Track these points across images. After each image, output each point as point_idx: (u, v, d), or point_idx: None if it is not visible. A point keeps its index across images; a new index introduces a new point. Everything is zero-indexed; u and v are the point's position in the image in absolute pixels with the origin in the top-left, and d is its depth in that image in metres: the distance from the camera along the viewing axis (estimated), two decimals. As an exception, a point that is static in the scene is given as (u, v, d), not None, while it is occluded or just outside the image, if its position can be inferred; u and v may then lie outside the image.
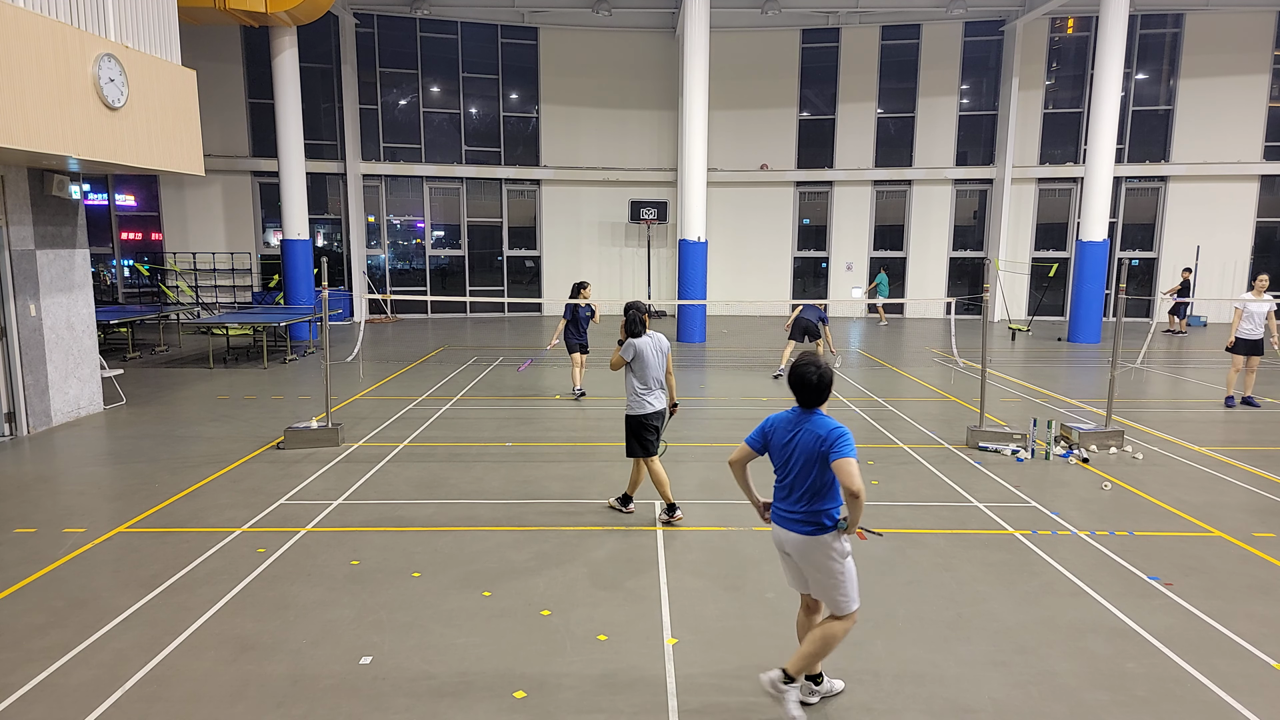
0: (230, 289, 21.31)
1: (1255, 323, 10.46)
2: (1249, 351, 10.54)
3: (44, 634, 4.43)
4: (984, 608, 4.80)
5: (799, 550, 3.70)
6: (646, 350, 5.98)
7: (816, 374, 3.62)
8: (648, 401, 6.02)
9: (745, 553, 5.63)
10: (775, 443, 3.76)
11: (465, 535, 5.93)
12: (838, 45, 22.37)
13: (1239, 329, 10.54)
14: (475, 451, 8.27)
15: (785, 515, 3.72)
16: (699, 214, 16.65)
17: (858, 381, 12.43)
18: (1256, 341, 10.50)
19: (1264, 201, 21.96)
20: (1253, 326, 10.47)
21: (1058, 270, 21.95)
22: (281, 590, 4.99)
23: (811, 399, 3.65)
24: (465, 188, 22.56)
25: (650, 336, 6.05)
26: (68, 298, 9.47)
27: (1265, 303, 10.38)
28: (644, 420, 6.02)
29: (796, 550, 3.70)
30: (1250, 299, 10.44)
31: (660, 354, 6.05)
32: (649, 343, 6.01)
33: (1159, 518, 6.38)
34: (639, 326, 6.01)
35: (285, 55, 16.54)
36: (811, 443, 3.59)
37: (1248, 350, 10.55)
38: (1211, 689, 3.95)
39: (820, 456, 3.56)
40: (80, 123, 7.72)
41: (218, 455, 8.02)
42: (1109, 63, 16.35)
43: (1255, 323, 10.46)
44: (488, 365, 13.79)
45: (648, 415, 6.01)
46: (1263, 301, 10.37)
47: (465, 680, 4.01)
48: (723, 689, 3.94)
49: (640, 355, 5.97)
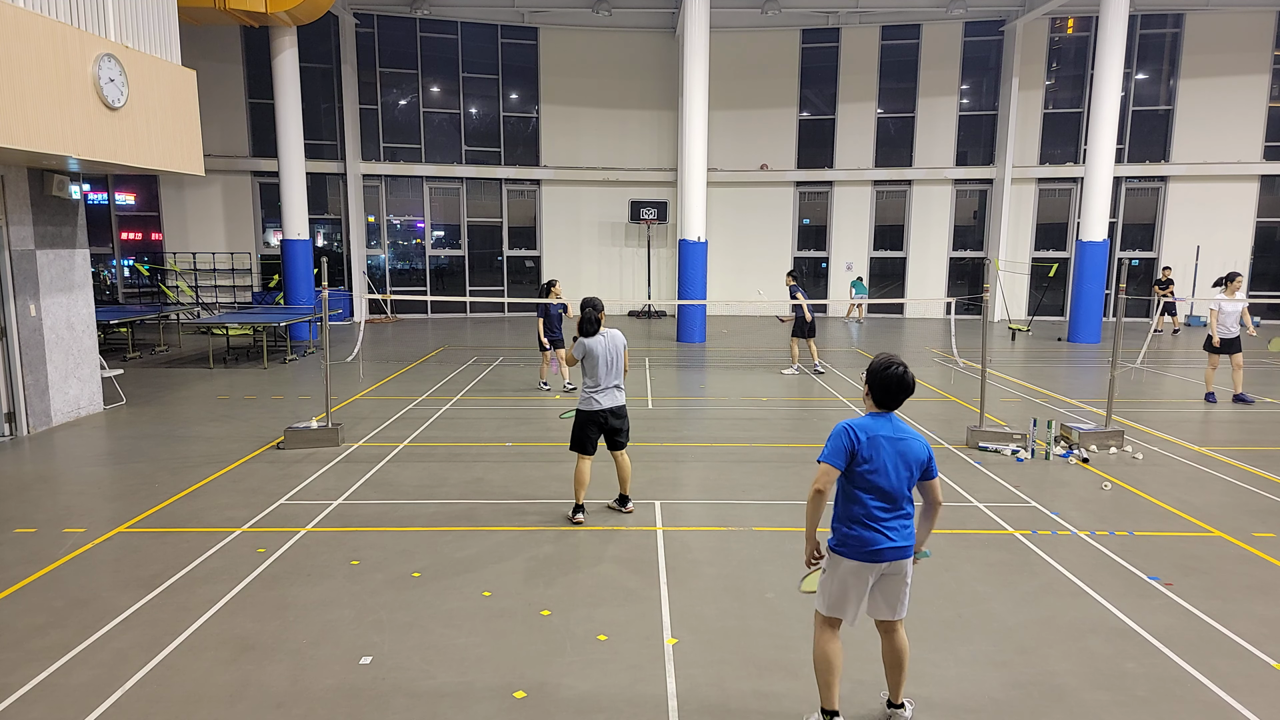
0: (230, 289, 21.32)
1: (1230, 322, 10.68)
2: (1229, 350, 10.72)
3: (44, 634, 4.43)
4: (984, 608, 4.80)
5: (900, 571, 3.41)
6: (597, 348, 6.04)
7: (904, 370, 3.41)
8: (594, 399, 6.08)
9: (745, 553, 5.62)
10: (878, 454, 3.34)
11: (465, 535, 5.93)
12: (838, 45, 22.37)
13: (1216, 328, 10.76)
14: (475, 451, 8.27)
15: (892, 536, 3.34)
16: (699, 214, 16.66)
17: (858, 381, 12.43)
18: (1234, 340, 10.69)
19: (1264, 201, 21.97)
20: (1229, 326, 10.68)
21: (1057, 270, 21.95)
22: (281, 590, 4.99)
23: (901, 400, 3.42)
24: (465, 188, 22.56)
25: (604, 335, 6.11)
26: (68, 298, 9.46)
27: (1238, 302, 10.60)
28: (590, 416, 6.09)
29: (898, 571, 3.41)
30: (1223, 298, 10.64)
31: (614, 352, 6.10)
32: (601, 341, 6.07)
33: (1159, 518, 6.38)
34: (591, 326, 6.08)
35: (285, 55, 16.54)
36: (919, 450, 3.38)
37: (1227, 349, 10.72)
38: (1211, 689, 3.95)
39: (924, 467, 3.40)
40: (80, 123, 7.72)
41: (218, 455, 8.02)
42: (1109, 63, 16.36)
43: (1230, 322, 10.68)
44: (488, 365, 13.79)
45: (594, 412, 6.08)
46: (1235, 301, 10.58)
47: (465, 680, 4.00)
48: (723, 689, 3.94)
49: (590, 353, 6.04)
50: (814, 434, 9.08)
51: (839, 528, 3.45)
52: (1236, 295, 10.65)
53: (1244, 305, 10.66)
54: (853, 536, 3.38)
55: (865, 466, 3.34)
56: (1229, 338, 10.68)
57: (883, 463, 3.34)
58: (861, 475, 3.36)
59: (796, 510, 6.52)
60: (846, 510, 3.42)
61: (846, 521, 3.41)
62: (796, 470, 7.63)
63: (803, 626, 4.56)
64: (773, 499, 6.79)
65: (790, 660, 4.20)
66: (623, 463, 6.34)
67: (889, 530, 3.36)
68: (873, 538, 3.35)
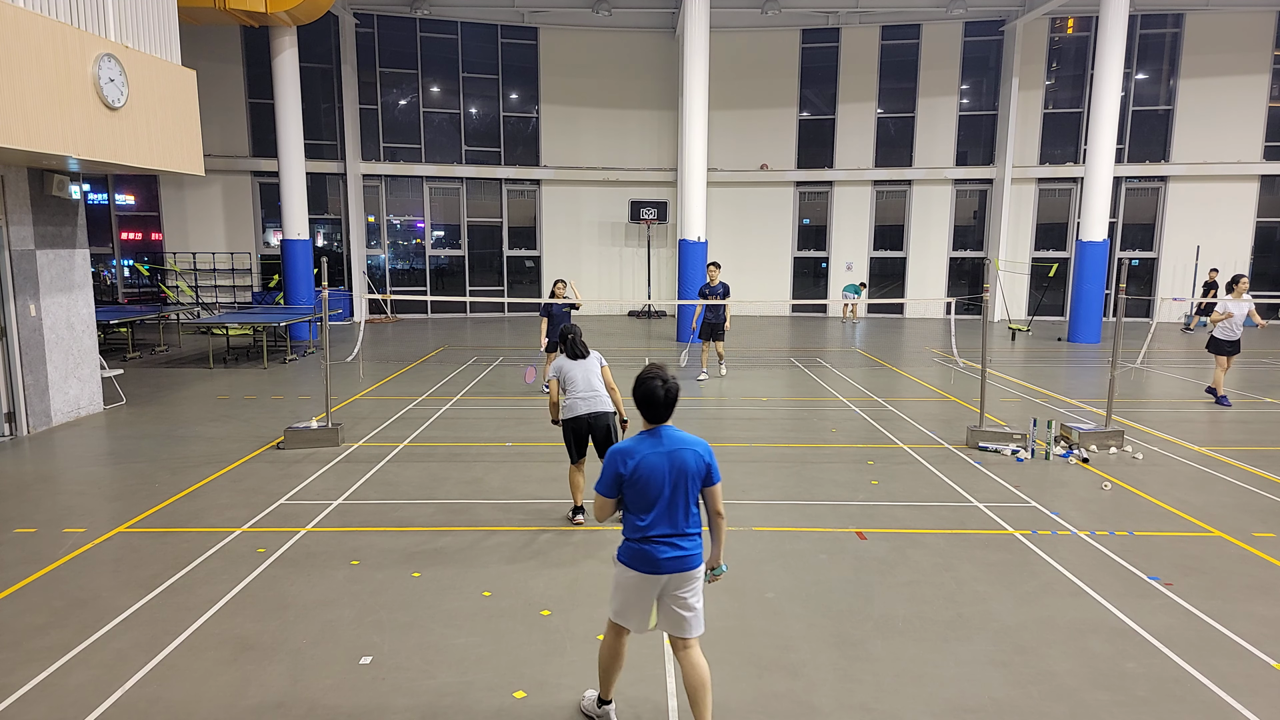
0: (230, 289, 21.31)
1: (1237, 324, 10.66)
2: (1231, 351, 10.74)
3: (44, 634, 4.43)
4: (984, 608, 4.80)
5: (686, 583, 3.42)
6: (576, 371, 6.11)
7: (664, 387, 3.38)
8: (575, 405, 6.07)
9: (745, 553, 5.62)
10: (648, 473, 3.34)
11: (465, 535, 5.93)
12: (838, 45, 22.37)
13: (1219, 329, 10.73)
14: (475, 451, 8.27)
15: (678, 546, 3.37)
16: (699, 214, 16.65)
17: (858, 381, 12.43)
18: (1235, 341, 10.71)
19: (1264, 201, 21.96)
20: (1236, 327, 10.66)
21: (1058, 270, 21.95)
22: (281, 590, 4.99)
23: (664, 414, 3.42)
24: (465, 188, 22.56)
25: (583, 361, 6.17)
26: (68, 298, 9.46)
27: (1244, 304, 10.59)
28: (572, 424, 6.09)
29: (683, 584, 3.41)
30: (1230, 300, 10.63)
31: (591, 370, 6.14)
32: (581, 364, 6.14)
33: (1159, 518, 6.38)
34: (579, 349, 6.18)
35: (285, 55, 16.54)
36: (694, 460, 3.38)
37: (1234, 349, 10.74)
38: (1211, 689, 3.95)
39: (704, 474, 3.41)
40: (80, 123, 7.72)
41: (218, 455, 8.02)
42: (1109, 63, 16.35)
43: (1237, 324, 10.66)
44: (488, 365, 13.79)
45: (574, 419, 6.06)
46: (1241, 303, 10.58)
47: (465, 680, 4.01)
48: (723, 689, 3.94)
49: (567, 373, 6.12)
50: (814, 434, 9.08)
51: (624, 541, 3.47)
52: (1244, 297, 10.61)
53: (1250, 305, 10.63)
54: (634, 550, 3.41)
55: (635, 489, 3.36)
56: (1235, 339, 10.68)
57: (655, 480, 3.35)
58: (635, 495, 3.38)
59: (797, 510, 6.52)
60: (629, 524, 3.45)
61: (629, 534, 3.44)
62: (796, 470, 7.63)
63: (803, 626, 4.57)
64: (773, 499, 6.79)
65: (790, 660, 4.21)
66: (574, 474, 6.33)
67: (668, 545, 3.37)
68: (652, 551, 3.37)
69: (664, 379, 3.39)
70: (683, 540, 3.39)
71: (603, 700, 3.68)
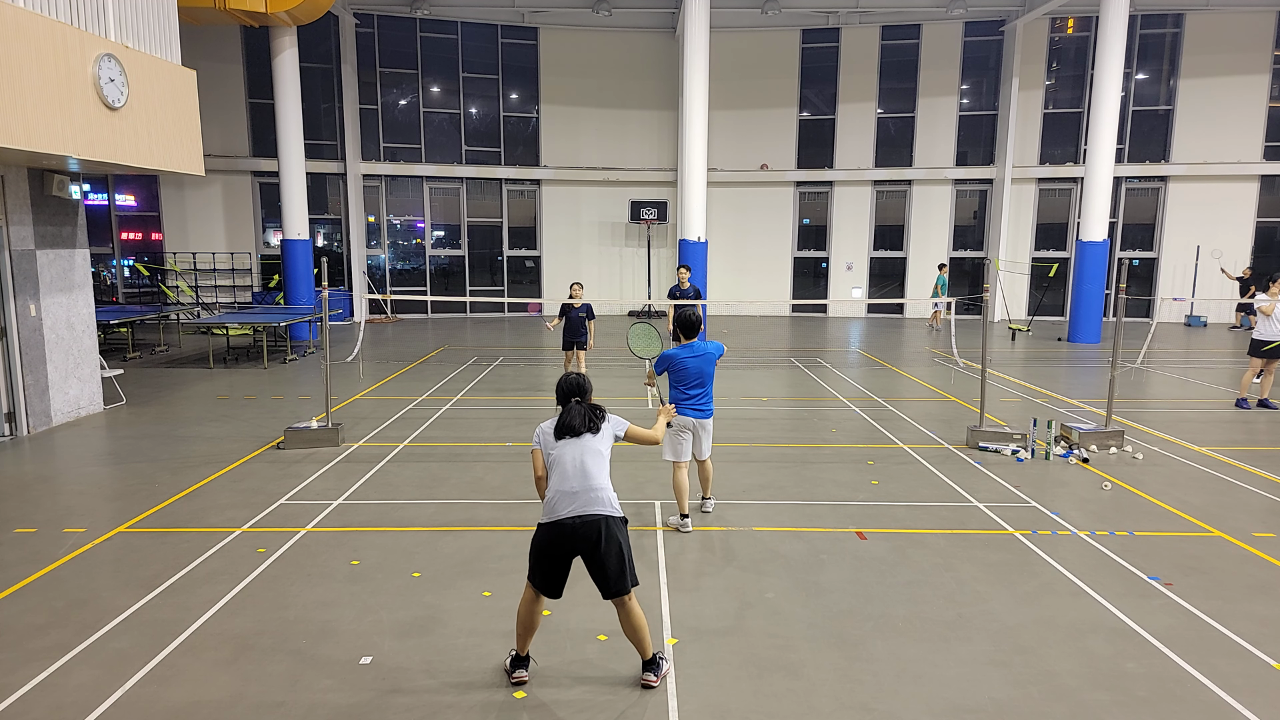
0: (230, 289, 21.31)
1: (1274, 324, 10.23)
2: (1271, 354, 10.27)
3: (44, 634, 4.43)
4: (984, 608, 4.80)
5: (705, 426, 6.12)
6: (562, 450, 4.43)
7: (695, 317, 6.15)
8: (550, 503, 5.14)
9: (745, 553, 5.63)
10: (685, 365, 5.99)
11: (465, 535, 5.93)
12: (838, 45, 22.37)
13: (1258, 329, 10.38)
14: (475, 451, 8.27)
15: (703, 408, 6.06)
16: (699, 214, 16.65)
17: (858, 381, 12.43)
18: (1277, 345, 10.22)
19: (1264, 201, 21.95)
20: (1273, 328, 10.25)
21: (1058, 270, 21.94)
22: (281, 590, 4.99)
23: (694, 334, 6.07)
24: (465, 188, 22.56)
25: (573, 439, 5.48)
26: (68, 298, 9.46)
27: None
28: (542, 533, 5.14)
29: (704, 426, 6.10)
30: (1265, 300, 10.28)
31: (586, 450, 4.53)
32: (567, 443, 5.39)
33: (1159, 518, 6.38)
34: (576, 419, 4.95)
35: (285, 55, 16.54)
36: (713, 357, 6.10)
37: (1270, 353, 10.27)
38: (1211, 689, 3.95)
39: (715, 360, 6.13)
40: (80, 123, 7.72)
41: (218, 455, 8.02)
42: (1109, 63, 16.35)
43: (1274, 324, 10.23)
44: (488, 365, 13.79)
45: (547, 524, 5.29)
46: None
47: (465, 680, 4.01)
48: (723, 689, 3.94)
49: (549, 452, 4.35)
50: (814, 434, 9.08)
51: (678, 403, 6.02)
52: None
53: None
54: (685, 408, 6.05)
55: (679, 375, 6.08)
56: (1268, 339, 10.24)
57: (692, 371, 6.04)
58: (679, 378, 6.11)
59: (797, 510, 6.52)
60: (678, 393, 6.08)
61: (677, 398, 6.05)
62: (796, 470, 7.63)
63: (803, 626, 4.57)
64: (773, 499, 6.79)
65: (790, 660, 4.21)
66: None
67: (701, 407, 6.12)
68: (695, 406, 6.09)
69: (696, 313, 6.05)
70: (707, 404, 6.10)
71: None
